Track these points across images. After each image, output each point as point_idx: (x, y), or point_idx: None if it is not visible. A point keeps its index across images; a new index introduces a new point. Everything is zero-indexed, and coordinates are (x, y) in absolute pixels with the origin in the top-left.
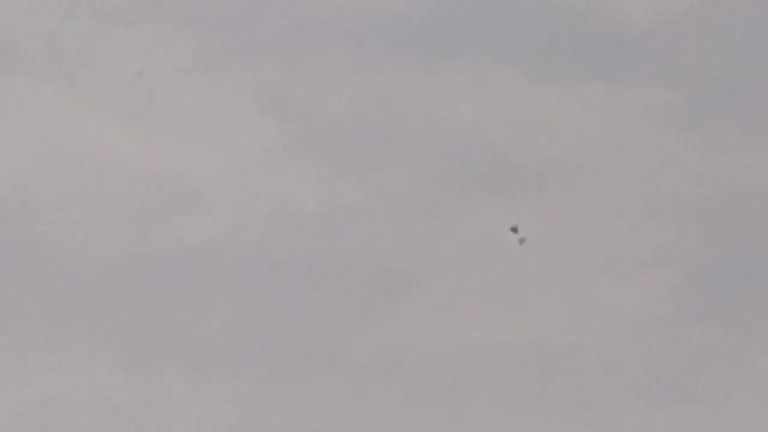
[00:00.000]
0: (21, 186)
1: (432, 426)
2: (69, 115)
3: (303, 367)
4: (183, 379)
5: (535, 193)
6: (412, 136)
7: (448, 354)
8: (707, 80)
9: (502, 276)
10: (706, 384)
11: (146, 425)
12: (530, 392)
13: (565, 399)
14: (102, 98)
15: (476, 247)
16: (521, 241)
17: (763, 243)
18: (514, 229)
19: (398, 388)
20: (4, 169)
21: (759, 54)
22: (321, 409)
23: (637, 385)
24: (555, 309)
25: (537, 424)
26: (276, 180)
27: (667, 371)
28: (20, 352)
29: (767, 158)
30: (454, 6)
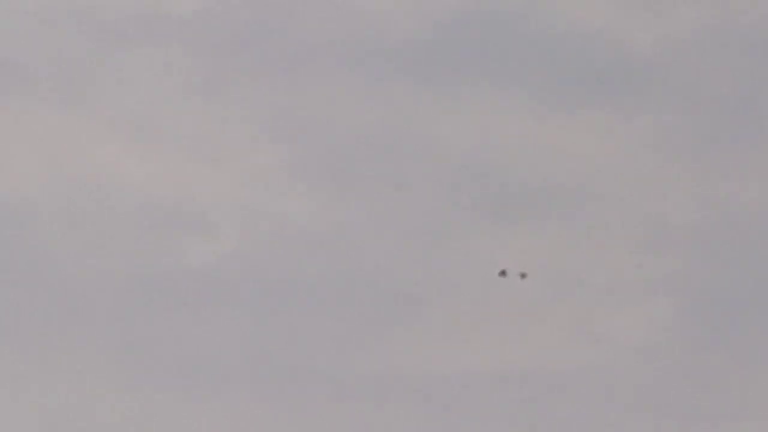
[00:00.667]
0: (27, 206)
1: None
2: (75, 137)
3: (305, 387)
4: (187, 397)
5: (537, 219)
6: (416, 160)
7: (450, 378)
8: (710, 107)
9: (504, 301)
10: (707, 409)
11: None
12: (532, 417)
13: (567, 424)
14: (108, 120)
15: (479, 272)
16: (522, 276)
17: (764, 268)
18: (503, 273)
19: (399, 412)
20: (11, 188)
21: (761, 81)
22: (322, 429)
23: (639, 410)
24: (557, 335)
25: None
26: (280, 202)
27: (668, 397)
28: (24, 370)
29: None
30: (459, 31)
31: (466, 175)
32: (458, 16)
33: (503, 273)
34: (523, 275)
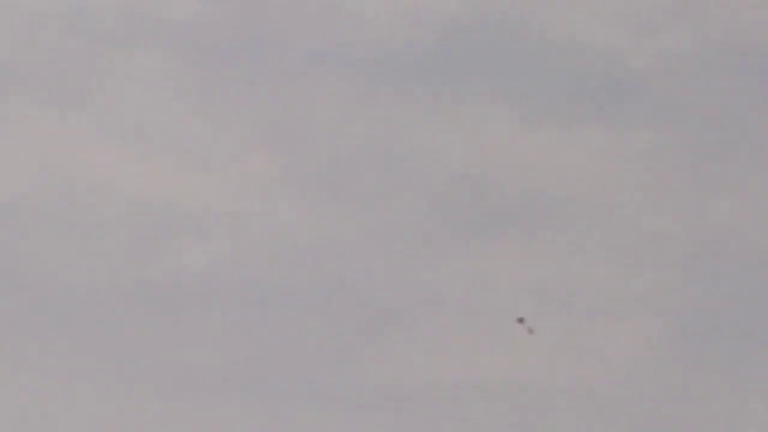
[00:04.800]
0: (19, 208)
1: None
2: (69, 140)
3: (292, 394)
4: (173, 403)
5: (527, 232)
6: (407, 171)
7: (437, 391)
8: (704, 124)
9: (492, 314)
10: (693, 424)
11: None
12: (518, 430)
13: None
14: (103, 123)
15: (467, 285)
16: (521, 321)
17: (752, 287)
18: (521, 320)
19: (385, 423)
20: (3, 190)
21: (757, 98)
22: None
23: (625, 425)
24: (545, 349)
25: None
26: (272, 208)
27: (655, 412)
28: (11, 374)
29: (762, 202)
30: (454, 42)
31: (457, 186)
32: (454, 27)
33: (521, 320)
34: (521, 321)
